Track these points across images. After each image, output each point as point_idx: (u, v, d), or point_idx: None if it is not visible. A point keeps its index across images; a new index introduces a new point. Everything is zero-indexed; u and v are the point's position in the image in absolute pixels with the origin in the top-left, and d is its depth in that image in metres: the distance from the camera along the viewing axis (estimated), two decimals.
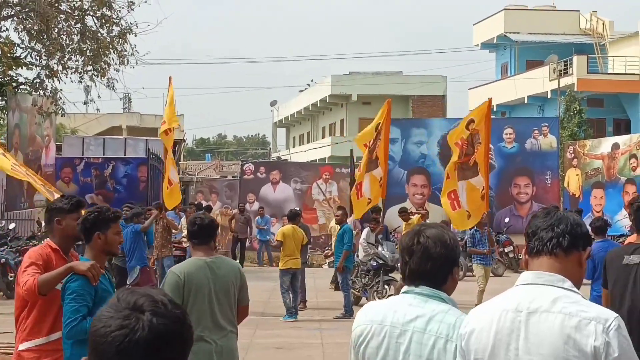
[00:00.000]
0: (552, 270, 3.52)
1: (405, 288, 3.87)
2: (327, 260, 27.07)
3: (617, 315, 3.43)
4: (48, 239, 6.39)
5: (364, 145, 18.24)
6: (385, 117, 17.81)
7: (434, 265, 3.82)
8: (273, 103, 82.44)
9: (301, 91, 75.66)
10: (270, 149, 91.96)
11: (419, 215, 21.96)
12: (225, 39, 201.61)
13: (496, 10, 53.09)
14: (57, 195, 12.42)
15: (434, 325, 3.74)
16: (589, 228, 14.48)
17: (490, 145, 28.00)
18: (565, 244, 3.54)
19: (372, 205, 18.52)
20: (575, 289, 3.50)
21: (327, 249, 28.48)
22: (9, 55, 25.49)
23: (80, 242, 6.48)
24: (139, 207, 19.04)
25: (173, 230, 19.67)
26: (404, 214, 21.25)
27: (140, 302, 2.18)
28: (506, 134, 28.56)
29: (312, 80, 73.20)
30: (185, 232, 21.16)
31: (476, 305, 4.17)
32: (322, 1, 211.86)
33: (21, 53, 26.43)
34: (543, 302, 3.44)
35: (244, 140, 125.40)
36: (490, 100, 16.62)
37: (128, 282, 15.98)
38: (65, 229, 6.24)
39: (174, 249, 19.87)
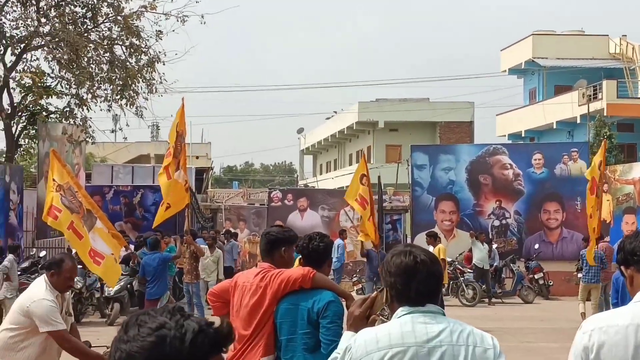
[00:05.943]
0: None
1: (406, 309, 3.72)
2: (355, 288, 26.86)
3: None
4: (268, 264, 5.99)
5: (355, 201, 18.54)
6: None
7: (437, 283, 3.81)
8: (300, 130, 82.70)
9: (328, 118, 75.76)
10: (297, 176, 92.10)
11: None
12: (252, 68, 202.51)
13: (524, 35, 52.99)
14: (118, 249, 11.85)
15: (462, 337, 3.66)
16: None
17: (519, 171, 28.22)
18: None
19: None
20: None
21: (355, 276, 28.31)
22: (39, 84, 25.74)
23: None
24: (155, 235, 18.73)
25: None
26: (431, 238, 20.72)
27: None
28: (535, 160, 28.39)
29: (341, 109, 73.38)
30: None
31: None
32: (348, 29, 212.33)
33: (51, 82, 26.68)
34: None
35: (271, 168, 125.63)
36: (605, 140, 16.99)
37: None
38: (289, 260, 6.07)
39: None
